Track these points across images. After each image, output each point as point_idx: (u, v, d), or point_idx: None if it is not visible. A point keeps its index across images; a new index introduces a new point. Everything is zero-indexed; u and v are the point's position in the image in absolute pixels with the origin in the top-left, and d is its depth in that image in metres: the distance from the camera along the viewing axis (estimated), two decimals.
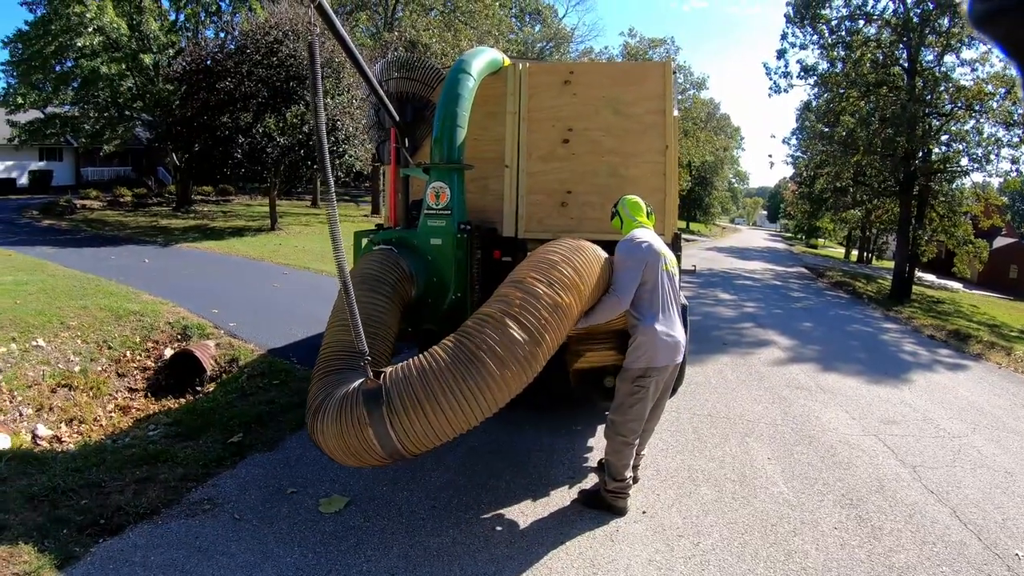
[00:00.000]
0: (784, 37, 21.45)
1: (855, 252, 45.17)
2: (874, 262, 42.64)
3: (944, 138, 19.27)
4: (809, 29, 20.81)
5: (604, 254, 3.91)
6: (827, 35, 20.55)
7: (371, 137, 5.92)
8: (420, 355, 3.24)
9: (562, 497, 4.22)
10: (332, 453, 3.18)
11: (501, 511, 4.00)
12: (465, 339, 3.23)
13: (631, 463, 4.04)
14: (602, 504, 4.03)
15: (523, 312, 3.30)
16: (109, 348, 7.52)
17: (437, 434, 3.08)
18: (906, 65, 19.20)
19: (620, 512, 4.00)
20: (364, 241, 5.00)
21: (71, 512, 3.69)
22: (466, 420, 3.10)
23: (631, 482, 4.07)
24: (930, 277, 30.69)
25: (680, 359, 4.00)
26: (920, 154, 19.02)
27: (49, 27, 20.48)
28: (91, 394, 6.71)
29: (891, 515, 4.17)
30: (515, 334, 3.22)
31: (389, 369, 3.18)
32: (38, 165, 33.53)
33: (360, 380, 3.16)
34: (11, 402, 6.12)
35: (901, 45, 19.14)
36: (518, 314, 3.29)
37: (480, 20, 30.40)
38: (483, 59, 4.90)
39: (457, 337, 3.27)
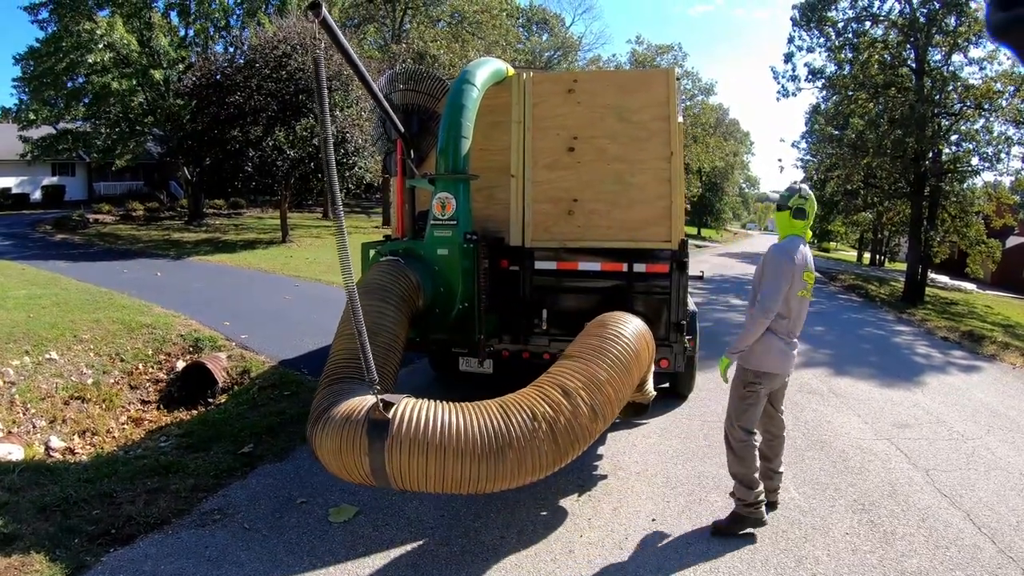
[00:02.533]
0: (791, 40, 21.45)
1: (867, 255, 44.84)
2: (887, 264, 42.29)
3: (954, 138, 19.15)
4: (816, 32, 20.75)
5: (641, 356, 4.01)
6: (834, 37, 20.48)
7: (379, 149, 5.95)
8: (452, 406, 3.20)
9: (571, 505, 4.21)
10: (326, 464, 3.25)
11: (510, 520, 4.00)
12: (501, 422, 3.18)
13: (757, 467, 3.91)
14: (746, 523, 3.85)
15: (564, 428, 3.31)
16: (122, 361, 7.60)
17: (429, 485, 3.11)
18: (914, 65, 19.10)
19: (760, 523, 3.88)
20: (372, 252, 5.04)
21: (82, 522, 3.73)
22: (458, 488, 3.13)
23: (763, 489, 3.93)
24: (943, 278, 30.34)
25: (788, 373, 4.01)
26: (930, 155, 18.89)
27: (60, 44, 20.86)
28: (104, 406, 6.78)
29: (904, 519, 4.13)
30: (544, 445, 3.22)
31: (404, 403, 3.12)
32: (51, 180, 33.92)
33: (366, 400, 3.15)
34: (24, 414, 6.19)
35: (908, 46, 19.05)
36: (560, 427, 3.29)
37: (487, 31, 30.60)
38: (486, 70, 4.92)
39: (498, 416, 3.22)
